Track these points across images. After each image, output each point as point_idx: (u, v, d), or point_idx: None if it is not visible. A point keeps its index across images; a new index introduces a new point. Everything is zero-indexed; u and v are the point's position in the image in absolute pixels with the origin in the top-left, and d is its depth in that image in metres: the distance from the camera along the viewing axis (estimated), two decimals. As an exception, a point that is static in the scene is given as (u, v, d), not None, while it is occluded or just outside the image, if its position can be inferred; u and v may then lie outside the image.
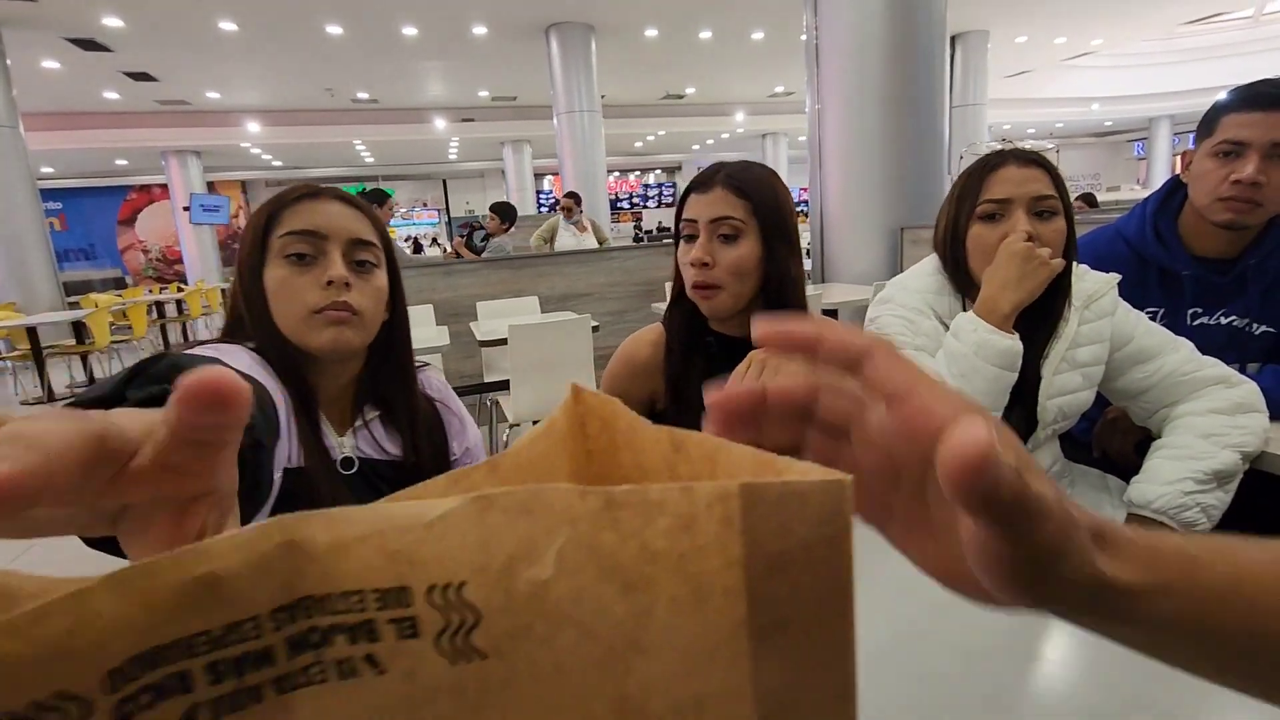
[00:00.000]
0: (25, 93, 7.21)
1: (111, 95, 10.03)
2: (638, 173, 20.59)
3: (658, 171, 20.79)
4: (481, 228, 5.41)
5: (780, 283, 0.94)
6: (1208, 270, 1.16)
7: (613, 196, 15.68)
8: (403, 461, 0.85)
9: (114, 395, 0.42)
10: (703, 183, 0.95)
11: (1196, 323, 1.18)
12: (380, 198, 5.06)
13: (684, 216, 0.96)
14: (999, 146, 1.03)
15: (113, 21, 7.08)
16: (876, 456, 0.25)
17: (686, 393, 0.96)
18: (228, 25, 7.47)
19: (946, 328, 1.07)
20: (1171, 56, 13.54)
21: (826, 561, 0.16)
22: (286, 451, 0.74)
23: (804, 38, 4.33)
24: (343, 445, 0.82)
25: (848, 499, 0.16)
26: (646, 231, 18.72)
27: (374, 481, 0.82)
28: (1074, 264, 1.00)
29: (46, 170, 13.17)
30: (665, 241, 8.22)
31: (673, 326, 1.00)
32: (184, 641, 0.14)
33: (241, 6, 7.00)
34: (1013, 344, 0.90)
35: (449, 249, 14.92)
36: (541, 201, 17.63)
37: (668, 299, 1.04)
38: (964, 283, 1.05)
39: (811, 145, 4.15)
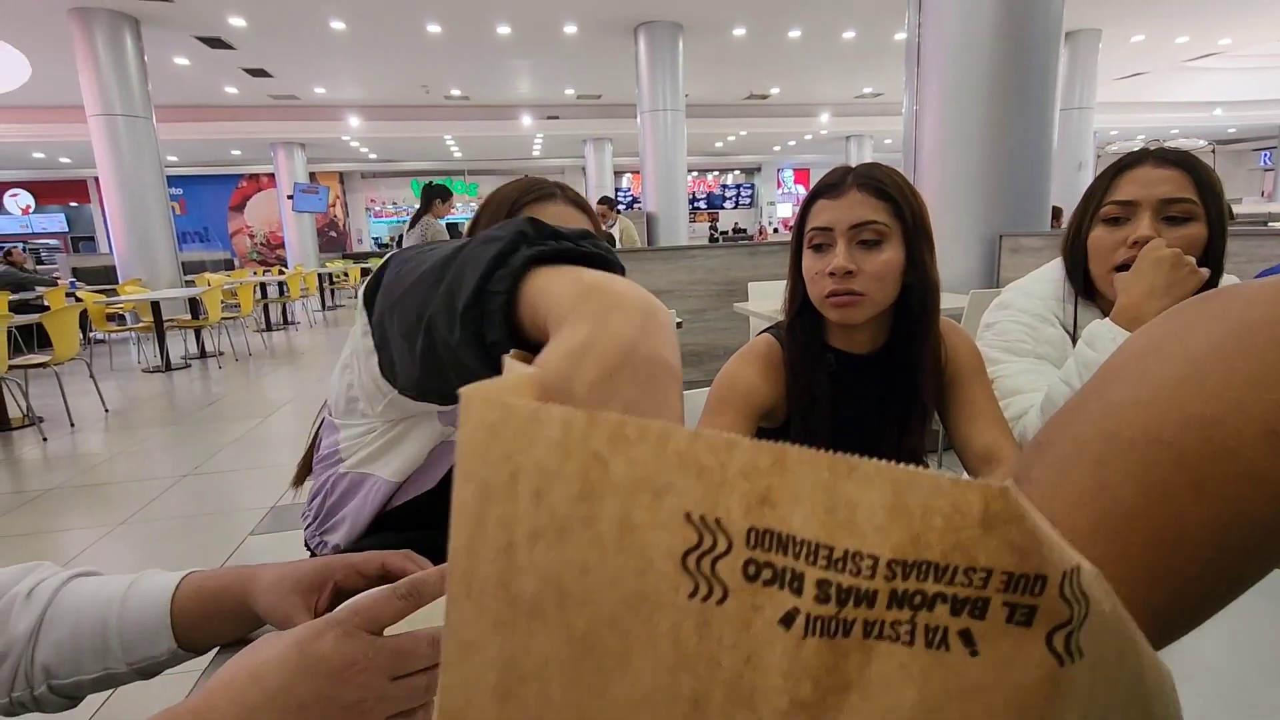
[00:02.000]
0: (158, 87, 7.86)
1: (231, 90, 10.80)
2: (716, 173, 20.48)
3: (736, 172, 20.62)
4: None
5: (923, 290, 0.88)
6: None
7: (690, 196, 15.62)
8: None
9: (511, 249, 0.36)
10: (832, 186, 0.89)
11: None
12: (444, 194, 5.24)
13: (814, 224, 0.89)
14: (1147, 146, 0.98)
15: (237, 21, 7.62)
16: None
17: (813, 411, 0.91)
18: (337, 24, 7.91)
19: (1071, 335, 1.04)
20: (1311, 58, 12.35)
21: None
22: None
23: (902, 36, 4.20)
24: None
25: None
26: (722, 232, 18.63)
27: None
28: (1223, 276, 0.94)
29: (171, 159, 14.29)
30: (741, 243, 8.15)
31: (795, 342, 0.94)
32: (811, 544, 0.14)
33: (351, 6, 7.39)
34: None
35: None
36: (620, 199, 17.81)
37: (748, 299, 1.02)
38: (1081, 286, 1.01)
39: (906, 148, 4.02)
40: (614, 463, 0.15)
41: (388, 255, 0.57)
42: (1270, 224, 5.39)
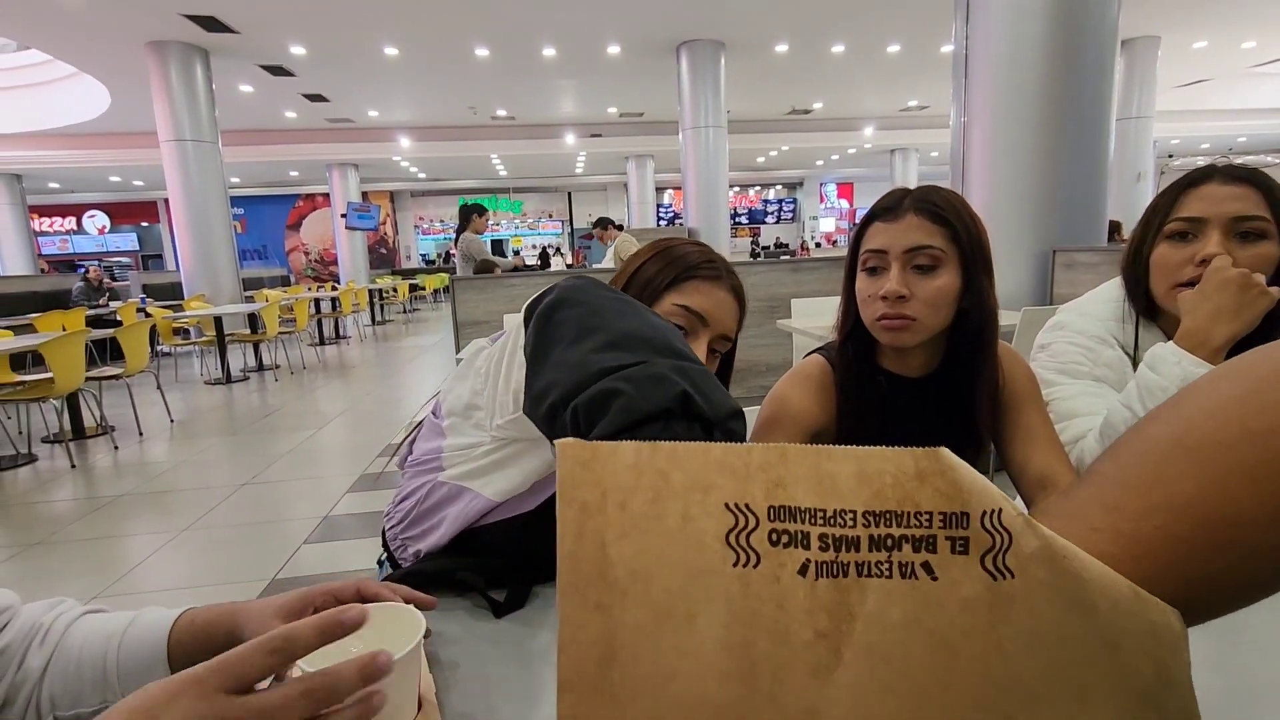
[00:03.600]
0: (224, 113, 8.29)
1: (290, 114, 11.31)
2: (758, 188, 20.43)
3: (778, 187, 20.54)
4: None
5: (980, 316, 0.86)
6: None
7: (731, 211, 15.61)
8: None
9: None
10: (888, 209, 0.88)
11: None
12: (480, 211, 5.37)
13: (868, 247, 0.88)
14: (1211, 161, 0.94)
15: (298, 49, 8.00)
16: None
17: (862, 433, 0.90)
18: (391, 50, 8.22)
19: (1131, 358, 1.00)
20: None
21: None
22: None
23: (949, 48, 4.15)
24: None
25: None
26: (764, 247, 18.53)
27: None
28: None
29: (234, 180, 15.01)
30: (783, 259, 8.09)
31: (846, 363, 0.93)
32: (812, 509, 0.20)
33: (404, 32, 7.68)
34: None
35: (569, 260, 15.45)
36: (661, 215, 17.91)
37: (791, 315, 1.01)
38: (1142, 306, 0.98)
39: (954, 161, 3.95)
40: (673, 474, 0.21)
41: (561, 283, 0.67)
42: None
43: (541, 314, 0.64)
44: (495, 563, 0.76)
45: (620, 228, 6.08)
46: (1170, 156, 12.83)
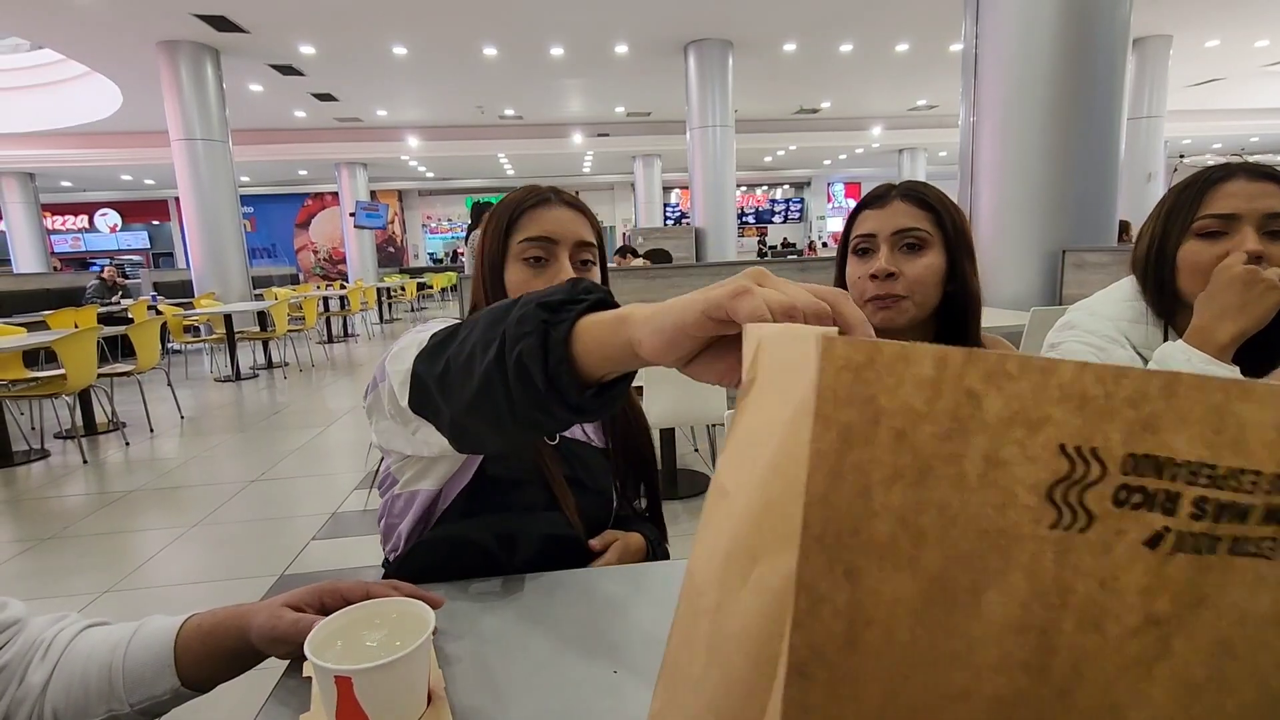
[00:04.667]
0: (234, 112, 8.34)
1: (300, 114, 11.37)
2: (765, 187, 20.39)
3: (785, 187, 20.49)
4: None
5: (964, 299, 0.92)
6: None
7: (738, 211, 15.58)
8: (585, 442, 0.95)
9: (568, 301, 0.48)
10: (878, 198, 0.95)
11: None
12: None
13: (858, 232, 0.95)
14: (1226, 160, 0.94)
15: (307, 49, 8.04)
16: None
17: None
18: (400, 49, 8.25)
19: (1144, 359, 1.00)
20: None
21: None
22: None
23: (958, 47, 4.13)
24: None
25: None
26: (771, 247, 18.50)
27: (568, 456, 0.92)
28: None
29: (243, 179, 15.10)
30: (790, 258, 8.07)
31: None
32: (1193, 464, 0.15)
33: (412, 32, 7.71)
34: (1231, 376, 0.82)
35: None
36: (668, 215, 17.91)
37: None
38: (1168, 307, 0.96)
39: (963, 160, 3.93)
40: (988, 399, 0.16)
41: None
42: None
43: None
44: (463, 533, 0.82)
45: (637, 254, 6.05)
46: (1181, 156, 12.71)
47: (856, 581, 0.16)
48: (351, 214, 13.14)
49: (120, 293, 8.33)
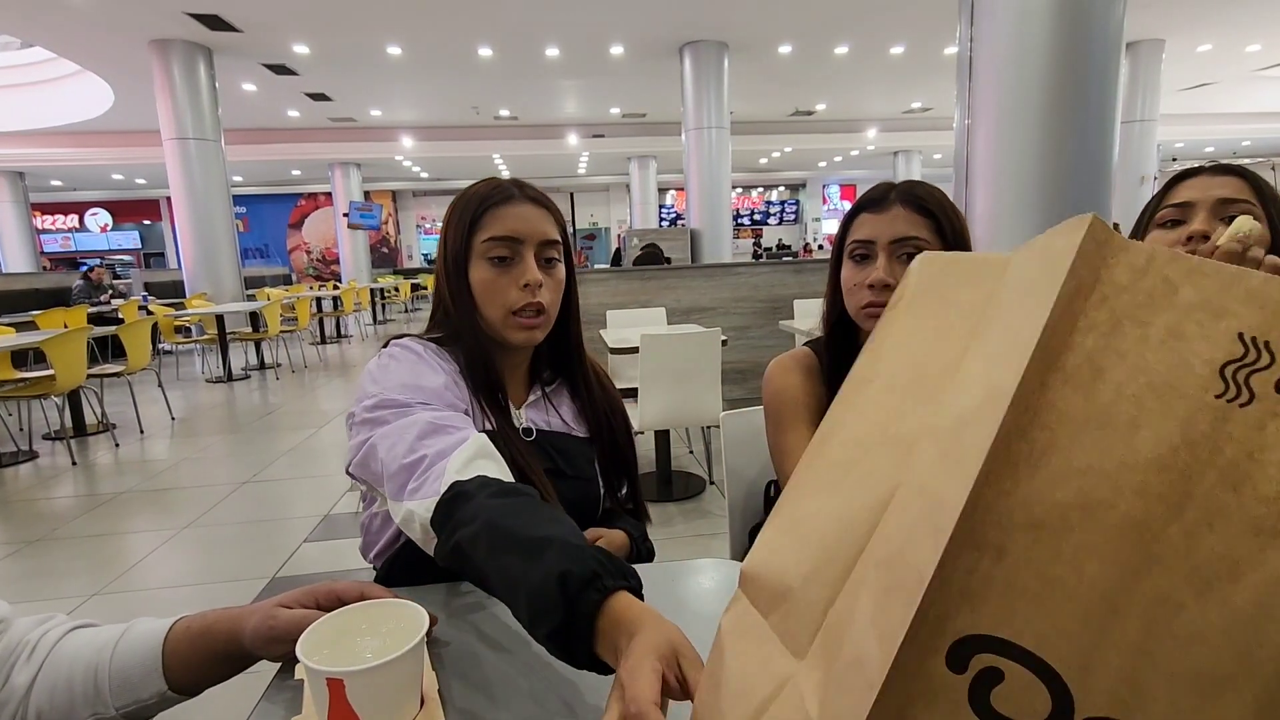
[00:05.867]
0: (227, 111, 8.30)
1: (293, 113, 11.32)
2: (760, 189, 20.43)
3: (781, 189, 20.53)
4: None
5: None
6: None
7: (734, 212, 15.58)
8: (565, 432, 0.94)
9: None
10: (875, 201, 0.93)
11: None
12: None
13: (855, 237, 0.93)
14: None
15: (301, 49, 8.00)
16: None
17: None
18: (394, 49, 8.22)
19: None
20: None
21: None
22: (478, 421, 0.86)
23: (953, 50, 4.14)
24: (519, 416, 0.92)
25: None
26: (766, 249, 18.52)
27: (546, 448, 0.90)
28: None
29: (236, 179, 15.02)
30: (786, 260, 8.09)
31: (833, 355, 0.97)
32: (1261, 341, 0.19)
33: (407, 32, 7.68)
34: None
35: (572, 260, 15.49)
36: (663, 216, 17.92)
37: (794, 316, 1.03)
38: None
39: (958, 163, 3.94)
40: (1183, 288, 0.20)
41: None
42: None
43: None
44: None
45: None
46: (1174, 160, 12.81)
47: (1045, 392, 0.21)
48: (345, 214, 13.08)
49: (109, 292, 8.27)
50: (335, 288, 10.79)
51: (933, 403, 0.26)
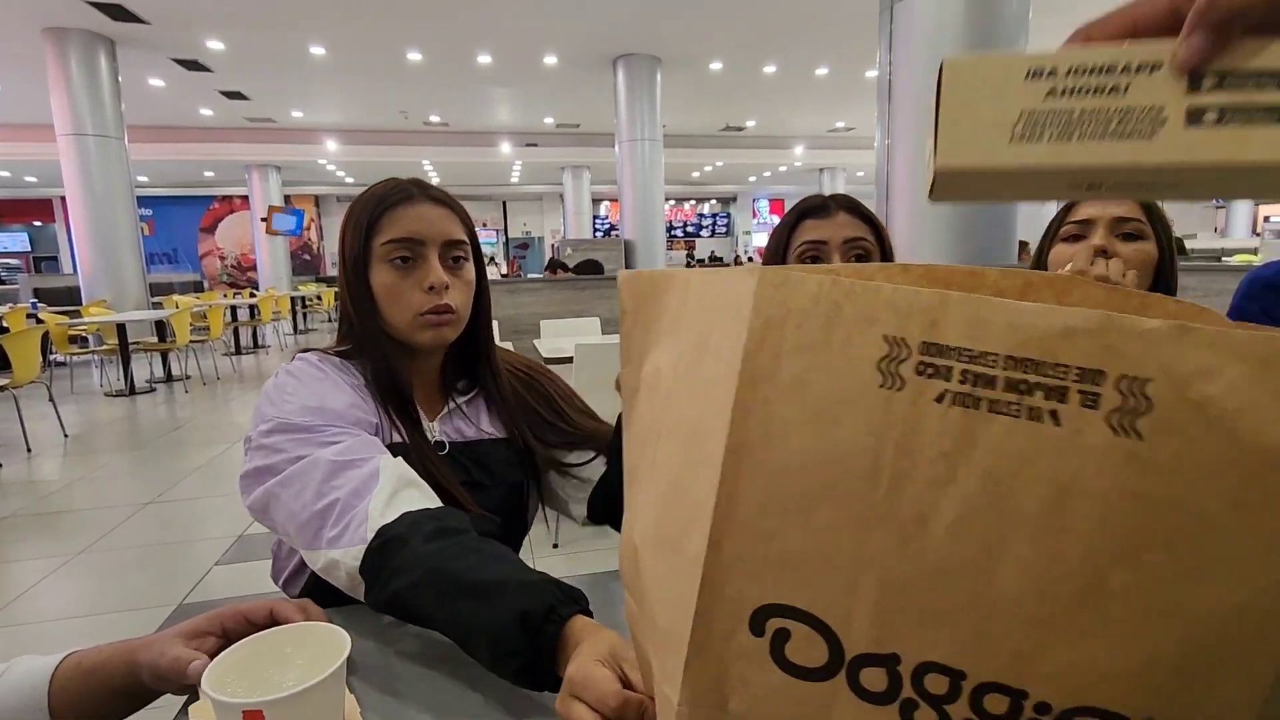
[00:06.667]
0: (132, 107, 7.78)
1: (207, 112, 10.72)
2: (693, 202, 20.78)
3: (713, 201, 20.95)
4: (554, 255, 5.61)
5: None
6: None
7: (667, 224, 15.80)
8: (482, 440, 0.91)
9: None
10: (818, 208, 1.00)
11: None
12: None
13: (805, 239, 0.99)
14: None
15: (215, 44, 7.60)
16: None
17: None
18: (317, 49, 7.93)
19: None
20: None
21: None
22: (386, 434, 0.82)
23: (874, 73, 4.34)
24: (432, 430, 0.88)
25: None
26: (699, 260, 18.82)
27: (461, 460, 0.88)
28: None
29: (142, 179, 14.08)
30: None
31: None
32: (960, 349, 0.23)
33: (331, 32, 7.43)
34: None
35: (505, 269, 15.30)
36: (597, 226, 17.94)
37: None
38: None
39: (879, 181, 4.13)
40: (845, 306, 0.25)
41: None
42: (1223, 259, 5.62)
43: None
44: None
45: (568, 268, 6.00)
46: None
47: (771, 408, 0.26)
48: (264, 219, 12.47)
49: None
50: (252, 295, 10.24)
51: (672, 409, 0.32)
